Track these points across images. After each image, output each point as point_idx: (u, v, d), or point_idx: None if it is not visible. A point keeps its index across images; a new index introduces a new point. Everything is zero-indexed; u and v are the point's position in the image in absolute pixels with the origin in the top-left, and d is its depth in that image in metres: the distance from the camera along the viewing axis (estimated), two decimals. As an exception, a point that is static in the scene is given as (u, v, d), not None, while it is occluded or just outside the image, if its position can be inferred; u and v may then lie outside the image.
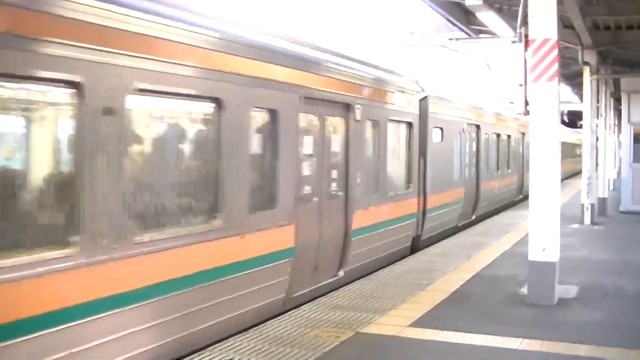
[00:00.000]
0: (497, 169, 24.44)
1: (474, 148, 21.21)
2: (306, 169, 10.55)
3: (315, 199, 10.78)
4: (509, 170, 26.51)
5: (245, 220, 8.71)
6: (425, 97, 16.03)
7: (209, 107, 8.22)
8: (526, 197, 26.80)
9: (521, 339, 8.09)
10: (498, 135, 24.48)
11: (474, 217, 20.86)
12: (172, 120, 7.97)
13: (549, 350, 7.75)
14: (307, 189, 10.59)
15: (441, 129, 17.27)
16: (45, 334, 5.79)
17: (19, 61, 5.62)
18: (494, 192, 23.77)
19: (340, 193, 11.63)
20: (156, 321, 7.10)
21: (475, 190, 21.13)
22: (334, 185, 11.48)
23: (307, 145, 10.62)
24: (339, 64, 11.72)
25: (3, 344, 5.43)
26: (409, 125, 15.07)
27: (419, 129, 15.62)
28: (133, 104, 6.78)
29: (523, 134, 28.58)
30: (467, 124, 19.94)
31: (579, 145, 53.73)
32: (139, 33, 6.83)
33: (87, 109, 6.21)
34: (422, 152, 15.88)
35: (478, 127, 21.28)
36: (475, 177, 21.19)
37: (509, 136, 26.36)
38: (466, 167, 20.01)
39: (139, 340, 6.86)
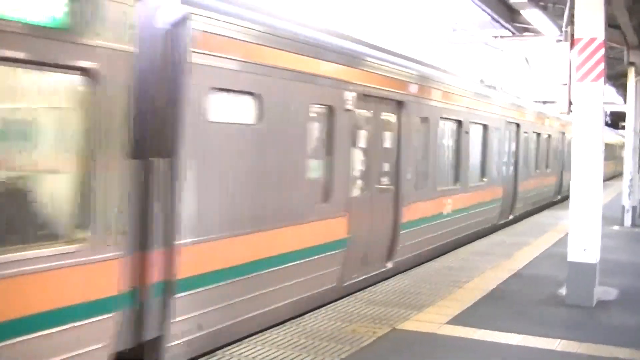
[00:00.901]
0: (456, 180, 15.73)
1: (388, 143, 12.05)
2: None
3: None
4: (483, 181, 17.71)
5: None
6: (185, 16, 7.10)
7: None
8: (519, 219, 21.14)
9: (559, 340, 8.04)
10: (459, 123, 15.68)
11: (389, 264, 12.11)
12: None
13: (588, 352, 7.69)
14: None
15: (257, 97, 8.35)
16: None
17: None
18: (438, 221, 14.38)
19: None
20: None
21: (391, 224, 12.12)
22: None
23: None
24: None
25: None
26: (90, 79, 5.97)
27: (140, 90, 6.59)
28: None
29: (518, 125, 20.99)
30: (364, 95, 10.85)
31: (614, 146, 51.52)
32: None
33: None
34: (157, 149, 6.89)
35: (400, 104, 12.25)
36: (391, 198, 12.19)
37: (485, 127, 17.68)
38: (357, 179, 11.00)
39: None
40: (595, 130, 9.84)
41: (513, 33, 17.51)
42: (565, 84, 10.29)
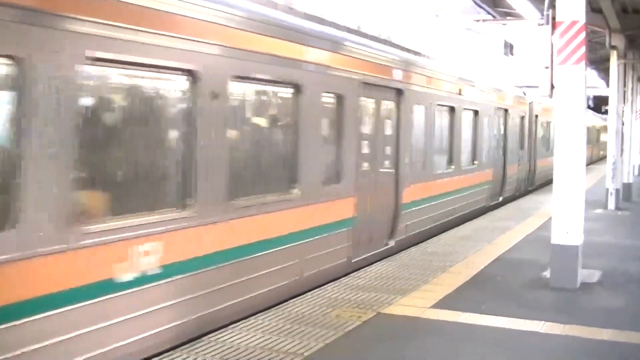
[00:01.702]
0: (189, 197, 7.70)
1: None
2: None
3: None
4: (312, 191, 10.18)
5: None
6: None
7: None
8: (419, 239, 13.79)
9: (543, 322, 8.07)
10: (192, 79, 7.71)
11: None
12: None
13: (572, 333, 7.73)
14: None
15: None
16: None
17: None
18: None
19: None
20: None
21: None
22: None
23: None
24: None
25: None
26: None
27: None
28: None
29: (400, 91, 13.17)
30: None
31: (590, 129, 49.09)
32: None
33: None
34: None
35: None
36: None
37: (297, 89, 9.88)
38: None
39: None
40: (578, 113, 9.86)
41: (494, 17, 17.51)
42: (547, 68, 10.29)
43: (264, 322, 7.86)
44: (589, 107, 42.86)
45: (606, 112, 27.94)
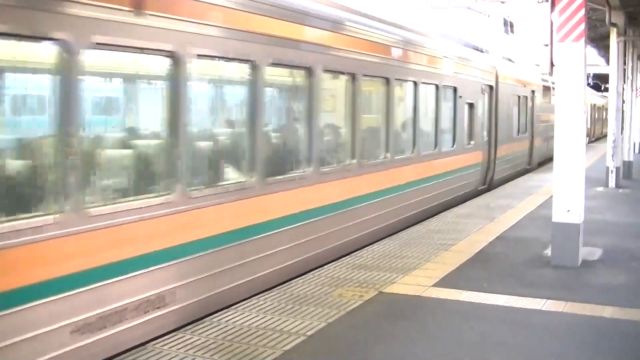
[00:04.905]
0: None
1: None
2: None
3: None
4: None
5: None
6: None
7: None
8: None
9: (545, 300, 8.09)
10: None
11: None
12: None
13: (573, 311, 7.75)
14: None
15: None
16: None
17: None
18: None
19: None
20: None
21: None
22: None
23: None
24: None
25: None
26: None
27: None
28: None
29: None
30: None
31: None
32: None
33: None
34: None
35: None
36: None
37: None
38: None
39: None
40: (577, 90, 9.84)
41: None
42: (547, 45, 10.27)
43: (266, 302, 7.88)
44: (589, 85, 42.86)
45: (606, 90, 27.85)
